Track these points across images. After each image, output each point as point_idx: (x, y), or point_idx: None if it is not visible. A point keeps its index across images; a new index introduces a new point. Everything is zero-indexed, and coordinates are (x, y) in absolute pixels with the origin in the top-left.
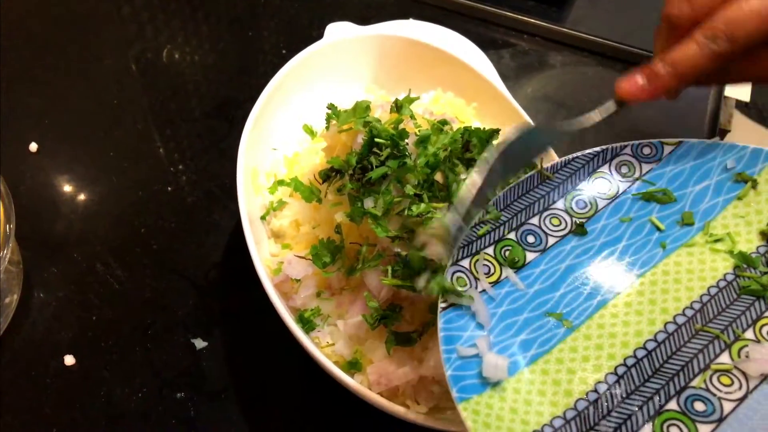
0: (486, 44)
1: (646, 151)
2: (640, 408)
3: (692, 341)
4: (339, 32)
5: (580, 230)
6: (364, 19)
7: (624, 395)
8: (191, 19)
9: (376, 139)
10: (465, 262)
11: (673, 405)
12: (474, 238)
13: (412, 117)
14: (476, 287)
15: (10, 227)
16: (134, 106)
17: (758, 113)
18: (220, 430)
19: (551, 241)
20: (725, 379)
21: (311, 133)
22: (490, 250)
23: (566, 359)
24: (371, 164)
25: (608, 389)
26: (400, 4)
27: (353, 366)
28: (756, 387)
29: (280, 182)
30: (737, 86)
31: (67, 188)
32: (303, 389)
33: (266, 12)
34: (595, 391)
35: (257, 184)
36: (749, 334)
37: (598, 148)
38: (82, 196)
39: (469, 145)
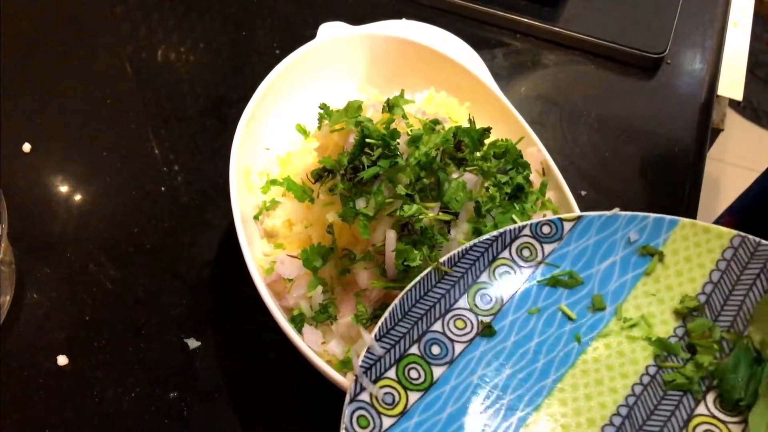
0: (479, 44)
1: (546, 230)
2: None
3: None
4: (332, 32)
5: (487, 331)
6: (357, 19)
7: None
8: (185, 18)
9: (368, 139)
10: (365, 395)
11: None
12: (373, 362)
13: (404, 117)
14: (380, 425)
15: (2, 227)
16: (128, 105)
17: (752, 112)
18: (213, 430)
19: (458, 348)
20: None
21: (304, 132)
22: (392, 373)
23: None
24: (362, 164)
25: None
26: (393, 4)
27: (346, 365)
28: None
29: (273, 182)
30: (730, 85)
31: (60, 188)
32: (296, 388)
33: (260, 12)
34: None
35: (250, 183)
36: None
37: (495, 233)
38: (75, 196)
39: (461, 144)
